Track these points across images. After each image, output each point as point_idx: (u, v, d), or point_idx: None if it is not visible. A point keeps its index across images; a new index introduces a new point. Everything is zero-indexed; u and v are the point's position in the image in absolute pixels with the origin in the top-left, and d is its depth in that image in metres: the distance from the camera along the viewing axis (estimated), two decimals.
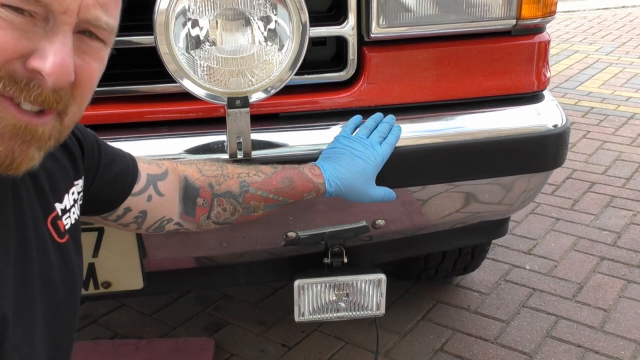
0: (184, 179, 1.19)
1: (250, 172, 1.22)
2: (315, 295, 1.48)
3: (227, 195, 1.20)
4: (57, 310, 0.88)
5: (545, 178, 1.55)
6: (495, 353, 2.08)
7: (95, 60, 0.78)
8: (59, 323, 0.88)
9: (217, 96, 1.23)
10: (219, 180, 1.20)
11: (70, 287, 0.91)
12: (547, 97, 1.52)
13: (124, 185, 1.09)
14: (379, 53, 1.38)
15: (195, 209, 1.19)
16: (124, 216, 1.12)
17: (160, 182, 1.14)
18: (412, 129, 1.39)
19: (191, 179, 1.19)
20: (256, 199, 1.22)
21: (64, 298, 0.89)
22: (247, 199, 1.21)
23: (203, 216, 1.20)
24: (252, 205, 1.22)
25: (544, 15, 1.42)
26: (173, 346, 2.09)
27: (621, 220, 2.88)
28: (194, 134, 1.33)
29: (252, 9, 1.18)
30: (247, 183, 1.21)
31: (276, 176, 1.23)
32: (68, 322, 0.92)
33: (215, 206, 1.20)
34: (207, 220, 1.21)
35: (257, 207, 1.22)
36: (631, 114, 4.16)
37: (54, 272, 0.87)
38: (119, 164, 1.10)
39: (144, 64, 1.32)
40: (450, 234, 1.68)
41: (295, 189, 1.23)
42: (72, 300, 0.93)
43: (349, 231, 1.45)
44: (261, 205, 1.23)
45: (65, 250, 0.91)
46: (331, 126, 1.38)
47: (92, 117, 1.33)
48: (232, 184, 1.20)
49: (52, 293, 0.86)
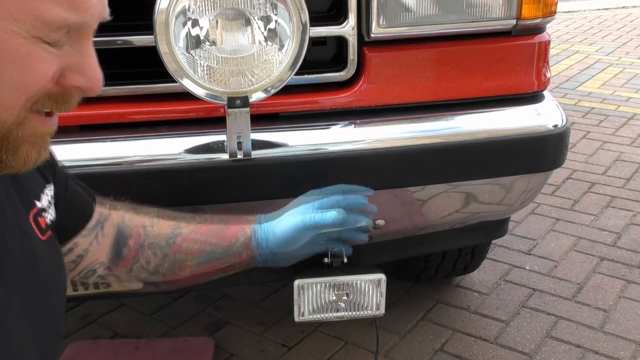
0: (117, 225, 1.13)
1: (183, 219, 1.18)
2: (315, 295, 1.48)
3: (159, 239, 1.14)
4: (45, 303, 0.87)
5: (545, 178, 1.55)
6: (495, 353, 2.08)
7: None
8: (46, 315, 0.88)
9: (217, 96, 1.23)
10: (152, 224, 1.15)
11: (59, 280, 0.91)
12: (547, 97, 1.52)
13: (79, 221, 1.05)
14: (379, 53, 1.38)
15: (126, 254, 1.12)
16: (67, 255, 1.05)
17: (105, 223, 1.09)
18: (412, 129, 1.39)
19: (124, 223, 1.13)
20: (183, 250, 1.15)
21: (54, 292, 0.89)
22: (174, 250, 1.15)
23: (132, 262, 1.13)
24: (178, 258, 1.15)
25: (544, 15, 1.42)
26: (173, 346, 2.09)
27: (621, 220, 2.88)
28: (194, 134, 1.33)
29: (252, 9, 1.18)
30: (177, 232, 1.16)
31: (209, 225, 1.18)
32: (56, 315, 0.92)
33: (145, 252, 1.13)
34: (129, 273, 1.14)
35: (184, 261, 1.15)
36: (631, 114, 4.16)
37: (42, 266, 0.87)
38: (81, 198, 1.06)
39: (144, 63, 1.32)
40: (450, 234, 1.68)
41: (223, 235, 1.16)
42: (61, 293, 0.93)
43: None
44: (188, 259, 1.15)
45: (50, 245, 0.91)
46: (331, 126, 1.38)
47: (92, 117, 1.33)
48: (164, 229, 1.15)
49: (40, 287, 0.86)
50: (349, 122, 1.38)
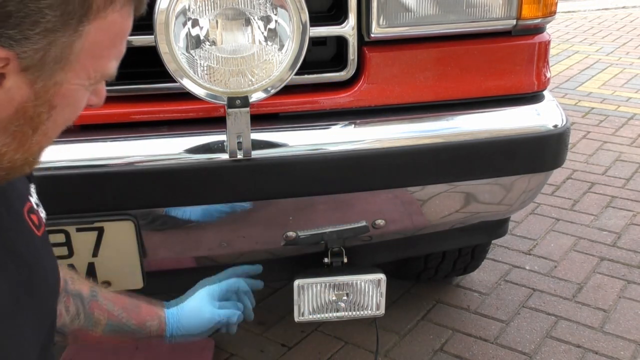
0: None
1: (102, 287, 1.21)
2: (315, 295, 1.48)
3: (76, 295, 1.14)
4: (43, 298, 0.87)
5: (545, 178, 1.55)
6: (495, 353, 2.08)
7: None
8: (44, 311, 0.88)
9: (217, 96, 1.23)
10: (73, 279, 1.15)
11: (54, 275, 0.92)
12: (547, 97, 1.52)
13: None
14: (379, 53, 1.38)
15: None
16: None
17: None
18: (412, 129, 1.39)
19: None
20: (101, 309, 1.16)
21: (50, 286, 0.90)
22: (92, 307, 1.15)
23: None
24: (95, 316, 1.16)
25: (544, 15, 1.42)
26: (173, 346, 2.08)
27: (621, 220, 2.88)
28: (194, 134, 1.33)
29: (252, 9, 1.18)
30: (97, 292, 1.17)
31: (125, 297, 1.21)
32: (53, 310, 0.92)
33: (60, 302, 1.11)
34: None
35: (99, 320, 1.16)
36: (631, 114, 4.16)
37: (39, 260, 0.87)
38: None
39: (144, 63, 1.32)
40: (450, 234, 1.68)
41: (139, 313, 1.22)
42: (56, 288, 0.93)
43: (349, 231, 1.45)
44: (103, 320, 1.17)
45: (45, 241, 0.91)
46: (331, 126, 1.38)
47: (93, 117, 1.33)
48: (84, 287, 1.16)
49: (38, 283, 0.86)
50: (349, 122, 1.38)
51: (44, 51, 0.67)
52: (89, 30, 0.69)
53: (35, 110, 0.71)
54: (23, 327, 0.82)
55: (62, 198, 1.29)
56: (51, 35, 0.66)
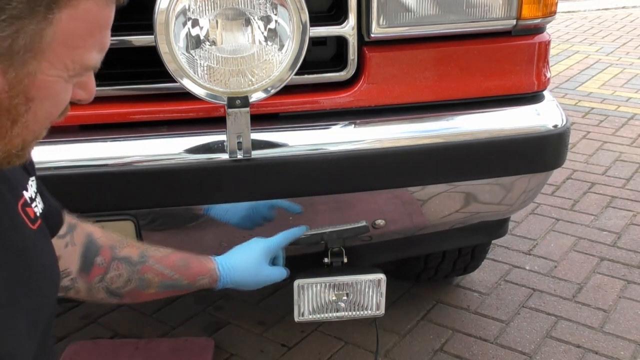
0: (87, 235, 1.14)
1: (151, 247, 1.21)
2: (315, 295, 1.48)
3: (126, 260, 1.16)
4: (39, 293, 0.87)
5: (545, 178, 1.55)
6: (495, 353, 2.08)
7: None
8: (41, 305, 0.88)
9: (217, 96, 1.23)
10: (121, 244, 1.17)
11: (51, 269, 0.92)
12: (547, 97, 1.52)
13: (54, 223, 1.06)
14: (379, 53, 1.38)
15: (93, 267, 1.13)
16: None
17: (74, 232, 1.11)
18: (412, 129, 1.39)
19: (94, 237, 1.15)
20: (152, 271, 1.18)
21: (47, 282, 0.90)
22: (143, 270, 1.18)
23: (97, 277, 1.14)
24: (146, 278, 1.18)
25: (544, 15, 1.42)
26: (173, 346, 2.09)
27: (621, 220, 2.88)
28: (194, 134, 1.33)
29: (252, 9, 1.18)
30: (146, 255, 1.19)
31: (174, 255, 1.22)
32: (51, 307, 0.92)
33: (112, 269, 1.15)
34: (99, 283, 1.15)
35: (152, 281, 1.19)
36: (631, 114, 4.16)
37: (34, 256, 0.87)
38: (52, 201, 1.07)
39: (144, 63, 1.32)
40: (451, 234, 1.68)
41: (190, 270, 1.23)
42: (55, 284, 0.93)
43: (349, 231, 1.45)
44: (155, 281, 1.19)
45: (41, 235, 0.91)
46: (331, 126, 1.38)
47: (92, 117, 1.33)
48: (133, 251, 1.18)
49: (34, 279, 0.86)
50: (349, 122, 1.38)
51: (12, 39, 0.66)
52: (59, 18, 0.68)
53: (11, 101, 0.70)
54: (19, 324, 0.82)
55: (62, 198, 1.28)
56: (18, 22, 0.66)
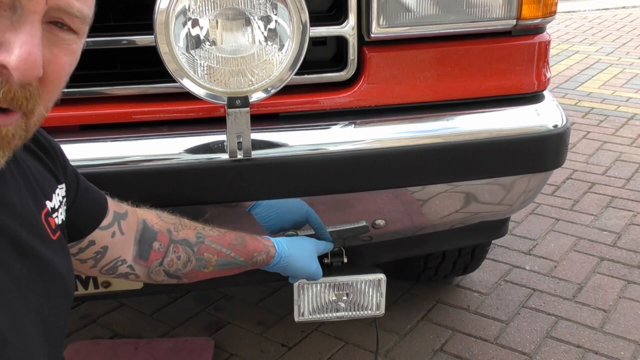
0: (142, 222, 1.16)
1: (206, 227, 1.23)
2: (315, 295, 1.48)
3: (184, 242, 1.18)
4: (54, 303, 0.87)
5: (545, 178, 1.55)
6: (495, 353, 2.08)
7: (65, 53, 0.73)
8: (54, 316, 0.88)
9: (217, 96, 1.23)
10: (177, 228, 1.19)
11: (67, 280, 0.92)
12: (547, 97, 1.52)
13: (95, 215, 1.07)
14: (379, 53, 1.38)
15: (150, 252, 1.16)
16: (86, 249, 1.08)
17: (122, 220, 1.12)
18: (412, 129, 1.39)
19: (150, 223, 1.17)
20: (210, 251, 1.21)
21: (61, 293, 0.90)
22: (201, 250, 1.20)
23: (156, 262, 1.17)
24: (205, 258, 1.21)
25: (544, 15, 1.42)
26: (173, 346, 2.09)
27: (621, 220, 2.88)
28: (194, 134, 1.33)
29: (252, 9, 1.18)
30: (203, 235, 1.21)
31: (230, 234, 1.25)
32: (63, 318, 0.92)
33: (170, 252, 1.17)
34: (159, 267, 1.18)
35: (210, 261, 1.21)
36: (631, 114, 4.16)
37: (52, 265, 0.87)
38: (94, 193, 1.08)
39: (144, 63, 1.32)
40: (450, 234, 1.68)
41: (246, 247, 1.25)
42: (69, 295, 0.93)
43: (349, 231, 1.45)
44: (213, 260, 1.22)
45: (60, 246, 0.91)
46: (331, 126, 1.38)
47: (93, 117, 1.33)
48: (189, 233, 1.20)
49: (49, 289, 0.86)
50: (349, 122, 1.38)
51: None
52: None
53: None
54: (32, 333, 0.81)
55: None
56: None
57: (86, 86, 1.31)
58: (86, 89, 1.31)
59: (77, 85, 1.30)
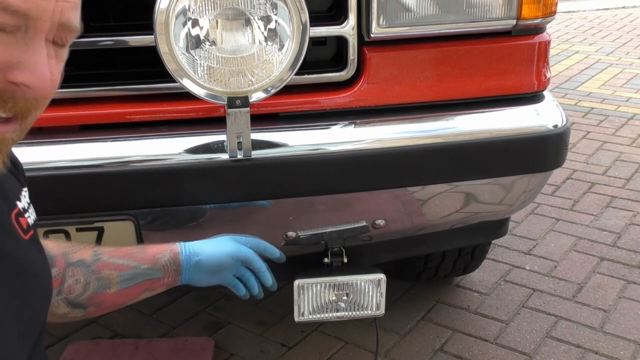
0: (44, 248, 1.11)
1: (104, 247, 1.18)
2: (315, 295, 1.48)
3: (80, 263, 1.12)
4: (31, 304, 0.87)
5: (545, 178, 1.55)
6: (495, 353, 2.08)
7: (59, 63, 0.76)
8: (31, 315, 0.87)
9: (217, 96, 1.23)
10: (74, 249, 1.14)
11: (45, 281, 0.91)
12: (547, 97, 1.52)
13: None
14: (379, 53, 1.38)
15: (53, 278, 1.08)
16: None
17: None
18: (412, 129, 1.39)
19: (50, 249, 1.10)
20: (108, 266, 1.14)
21: (39, 292, 0.89)
22: (99, 268, 1.13)
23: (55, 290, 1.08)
24: (105, 276, 1.13)
25: (544, 15, 1.42)
26: (173, 346, 2.09)
27: (621, 220, 2.88)
28: (194, 134, 1.33)
29: (252, 9, 1.18)
30: (99, 252, 1.15)
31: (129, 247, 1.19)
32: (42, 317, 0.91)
33: (67, 277, 1.10)
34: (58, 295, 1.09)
35: (110, 278, 1.14)
36: (631, 114, 4.16)
37: (27, 267, 0.87)
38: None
39: (143, 63, 1.32)
40: (450, 234, 1.68)
41: (146, 252, 1.18)
42: (47, 294, 0.92)
43: (349, 231, 1.45)
44: (114, 276, 1.14)
45: (33, 245, 0.90)
46: (331, 126, 1.38)
47: (92, 117, 1.33)
48: (85, 253, 1.14)
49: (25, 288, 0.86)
50: (349, 122, 1.38)
51: None
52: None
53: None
54: (10, 334, 0.81)
55: (62, 198, 1.29)
56: None
57: (86, 86, 1.31)
58: (86, 89, 1.31)
59: (77, 85, 1.30)
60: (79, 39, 0.80)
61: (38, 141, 1.30)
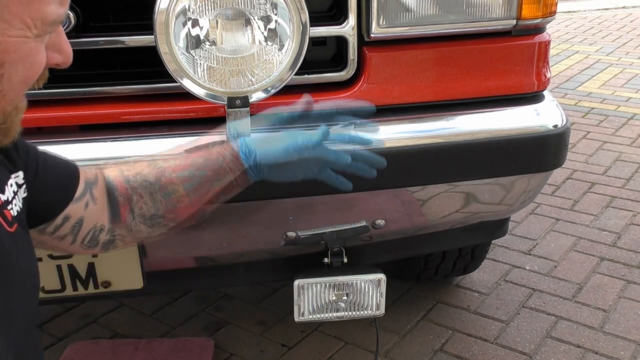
0: (107, 183, 1.13)
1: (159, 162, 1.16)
2: (315, 295, 1.48)
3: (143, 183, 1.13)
4: (17, 298, 0.87)
5: (545, 178, 1.55)
6: (495, 353, 2.08)
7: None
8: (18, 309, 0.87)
9: (217, 96, 1.23)
10: (135, 172, 1.14)
11: (31, 274, 0.91)
12: (547, 97, 1.52)
13: (66, 191, 1.05)
14: (379, 53, 1.38)
15: (119, 208, 1.12)
16: (62, 226, 1.05)
17: (94, 187, 1.09)
18: (412, 129, 1.39)
19: (111, 179, 1.13)
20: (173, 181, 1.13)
21: (25, 285, 0.89)
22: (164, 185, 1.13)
23: (128, 215, 1.12)
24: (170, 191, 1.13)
25: (544, 15, 1.42)
26: (173, 346, 2.09)
27: (621, 220, 2.88)
28: (194, 134, 1.33)
29: (252, 9, 1.19)
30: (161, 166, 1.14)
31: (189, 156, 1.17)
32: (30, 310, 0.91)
33: (134, 198, 1.12)
34: (133, 219, 1.13)
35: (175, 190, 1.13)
36: (631, 114, 4.16)
37: (11, 260, 0.86)
38: (61, 168, 1.06)
39: (143, 63, 1.32)
40: (451, 234, 1.68)
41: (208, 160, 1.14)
42: (34, 287, 0.92)
43: (349, 231, 1.45)
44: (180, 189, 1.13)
45: (19, 238, 0.89)
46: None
47: (92, 117, 1.33)
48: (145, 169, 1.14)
49: (10, 282, 0.85)
50: (349, 122, 1.38)
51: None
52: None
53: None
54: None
55: None
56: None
57: (86, 86, 1.31)
58: (86, 89, 1.31)
59: (77, 85, 1.30)
60: (79, 39, 0.81)
61: (38, 141, 1.30)
